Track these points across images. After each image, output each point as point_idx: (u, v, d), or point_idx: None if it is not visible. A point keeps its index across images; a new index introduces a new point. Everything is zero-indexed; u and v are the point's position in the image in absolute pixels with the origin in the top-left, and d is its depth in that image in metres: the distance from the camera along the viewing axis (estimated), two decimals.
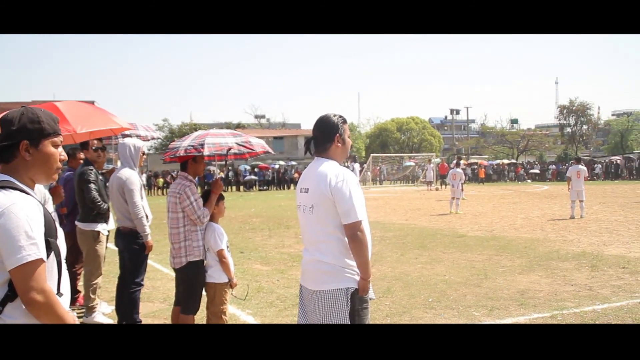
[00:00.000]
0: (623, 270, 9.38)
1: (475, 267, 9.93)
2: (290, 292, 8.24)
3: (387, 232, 14.99)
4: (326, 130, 3.87)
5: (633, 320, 6.46)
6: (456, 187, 20.91)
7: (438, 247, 12.42)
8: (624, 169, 51.30)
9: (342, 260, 3.70)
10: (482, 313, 6.98)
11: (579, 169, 18.13)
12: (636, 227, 14.95)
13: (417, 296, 7.94)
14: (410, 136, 70.27)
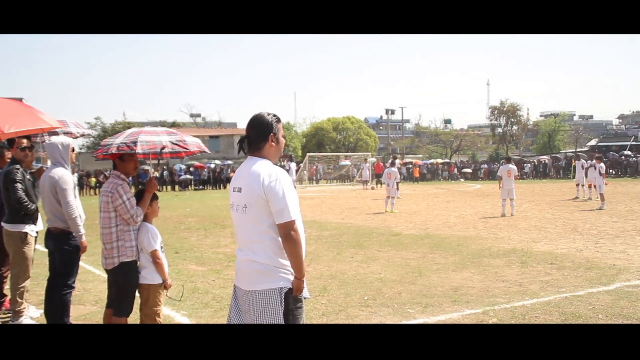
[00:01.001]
0: (551, 266, 9.68)
1: (410, 265, 10.06)
2: (225, 292, 8.16)
3: (324, 231, 15.04)
4: (260, 129, 3.83)
5: (560, 314, 6.66)
6: (391, 186, 21.16)
7: (374, 245, 12.53)
8: (551, 168, 52.93)
9: (276, 260, 3.67)
10: (416, 310, 7.07)
11: (509, 168, 18.60)
12: (563, 224, 15.45)
13: (353, 294, 7.99)
14: (346, 136, 70.62)
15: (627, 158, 51.87)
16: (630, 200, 22.92)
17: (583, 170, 24.76)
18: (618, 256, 10.48)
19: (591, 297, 7.43)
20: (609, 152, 56.04)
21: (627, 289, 7.84)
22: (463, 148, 75.22)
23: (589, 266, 9.55)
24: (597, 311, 6.75)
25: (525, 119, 75.77)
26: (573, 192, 26.08)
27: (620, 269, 9.22)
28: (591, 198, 23.53)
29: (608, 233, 13.55)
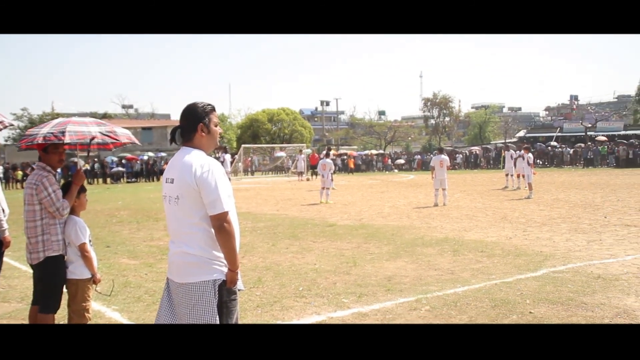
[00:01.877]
0: (481, 254, 9.91)
1: (344, 255, 10.12)
2: (159, 285, 8.02)
3: (259, 223, 14.98)
4: (190, 118, 3.77)
5: (490, 300, 6.82)
6: (326, 177, 21.24)
7: (309, 236, 12.56)
8: (482, 158, 54.24)
9: (209, 251, 3.62)
10: (351, 300, 7.12)
11: (441, 158, 18.93)
12: (493, 213, 15.84)
13: (288, 285, 7.98)
14: (281, 127, 70.44)
15: (553, 148, 53.64)
16: (556, 189, 23.71)
17: (512, 161, 25.47)
18: (545, 243, 10.82)
19: (519, 284, 7.64)
20: (537, 143, 57.83)
21: (553, 275, 8.10)
22: (397, 139, 76.12)
23: (518, 253, 9.82)
24: (525, 297, 6.94)
25: (457, 111, 77.30)
26: (502, 182, 26.79)
27: (547, 256, 9.52)
28: (520, 187, 24.20)
29: (535, 221, 13.97)
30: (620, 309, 6.38)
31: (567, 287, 7.35)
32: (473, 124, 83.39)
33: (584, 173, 38.87)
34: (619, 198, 19.16)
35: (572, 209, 16.43)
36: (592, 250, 10.03)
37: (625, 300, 6.71)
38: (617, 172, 39.17)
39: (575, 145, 54.96)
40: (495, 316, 6.23)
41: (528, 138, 67.08)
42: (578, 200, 18.96)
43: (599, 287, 7.33)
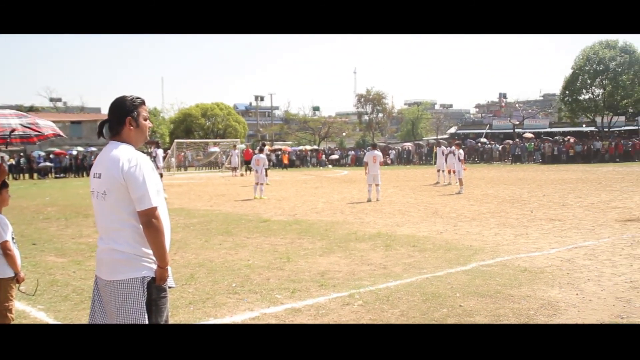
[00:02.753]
0: (413, 248, 10.06)
1: (278, 251, 10.10)
2: (87, 284, 7.81)
3: (192, 219, 14.80)
4: (118, 112, 3.67)
5: (421, 294, 6.93)
6: (260, 172, 21.15)
7: (242, 232, 12.48)
8: (414, 154, 55.12)
9: (138, 248, 3.54)
10: (284, 295, 7.11)
11: (375, 154, 19.12)
12: (425, 208, 16.11)
13: (221, 282, 7.91)
14: (215, 122, 69.74)
15: (483, 145, 55.01)
16: (485, 185, 24.32)
17: (443, 157, 25.96)
18: (474, 237, 11.07)
19: (450, 277, 7.79)
20: (467, 139, 59.24)
21: (482, 269, 8.29)
22: (331, 135, 76.44)
23: (448, 248, 10.02)
24: (455, 290, 7.08)
25: (390, 107, 78.21)
26: (434, 178, 27.28)
27: (476, 250, 9.74)
28: (451, 183, 24.71)
29: (466, 216, 14.28)
30: (545, 300, 6.58)
31: (495, 280, 7.53)
32: (406, 121, 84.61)
33: (512, 169, 40.02)
34: (545, 193, 19.79)
35: (500, 204, 16.87)
36: (519, 244, 10.32)
37: (550, 292, 6.93)
38: (543, 168, 40.50)
39: (504, 141, 56.54)
40: (426, 310, 6.32)
41: (459, 134, 68.67)
42: (506, 195, 19.49)
43: (525, 280, 7.54)
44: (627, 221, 12.73)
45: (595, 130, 59.96)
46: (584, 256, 9.05)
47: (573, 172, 32.64)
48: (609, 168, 36.67)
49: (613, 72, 55.38)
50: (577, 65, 57.71)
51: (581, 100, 58.59)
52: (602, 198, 17.67)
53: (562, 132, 62.26)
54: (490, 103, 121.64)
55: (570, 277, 7.68)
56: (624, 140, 48.82)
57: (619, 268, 8.16)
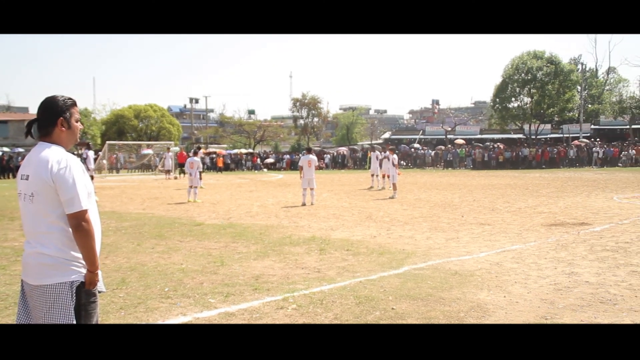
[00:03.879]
0: (347, 252, 10.14)
1: (212, 255, 10.02)
2: (12, 289, 7.55)
3: (124, 222, 14.51)
4: (49, 112, 3.58)
5: (354, 297, 7.00)
6: (194, 175, 20.93)
7: (175, 236, 12.32)
8: (349, 159, 55.55)
9: (67, 252, 3.46)
10: (218, 300, 7.06)
11: (310, 158, 19.18)
12: (359, 213, 16.27)
13: (153, 286, 7.79)
14: (148, 124, 68.54)
15: (416, 150, 55.90)
16: (418, 190, 24.74)
17: (378, 161, 26.28)
18: (407, 241, 11.25)
19: (383, 281, 7.89)
20: (401, 144, 60.08)
21: (414, 272, 8.44)
22: (266, 138, 76.26)
23: (382, 251, 10.15)
24: (387, 293, 7.18)
25: (325, 112, 78.54)
26: (368, 182, 27.58)
27: (409, 253, 9.91)
28: (385, 187, 25.03)
29: (399, 220, 14.50)
30: (474, 303, 6.75)
31: (427, 283, 7.68)
32: (341, 125, 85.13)
33: (444, 174, 40.85)
34: (475, 198, 20.28)
35: (432, 208, 17.20)
36: (450, 247, 10.55)
37: (479, 295, 7.11)
38: (473, 173, 41.49)
39: (436, 147, 57.65)
40: (360, 313, 6.39)
41: (393, 140, 69.59)
42: (438, 200, 19.88)
43: (456, 283, 7.72)
44: (552, 225, 13.17)
45: (523, 137, 61.77)
46: (512, 259, 9.33)
47: (502, 178, 33.56)
48: (535, 174, 37.87)
49: (540, 81, 57.20)
50: (507, 74, 59.37)
51: (510, 108, 60.28)
52: (529, 203, 18.24)
53: (492, 139, 63.88)
54: (424, 109, 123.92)
55: (498, 280, 7.90)
56: (550, 148, 50.49)
57: (544, 271, 8.45)
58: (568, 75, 57.89)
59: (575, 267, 8.64)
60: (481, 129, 74.49)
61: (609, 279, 7.88)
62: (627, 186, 25.01)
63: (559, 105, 58.23)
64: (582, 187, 25.12)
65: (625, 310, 6.42)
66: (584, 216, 14.73)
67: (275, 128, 78.88)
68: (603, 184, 26.94)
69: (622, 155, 46.97)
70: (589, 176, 34.12)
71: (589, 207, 16.84)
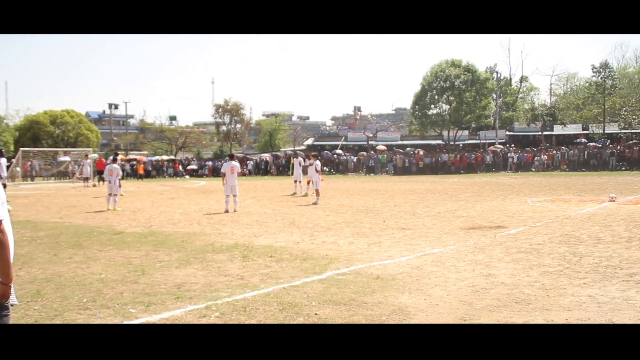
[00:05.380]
0: (270, 258, 10.14)
1: (132, 264, 9.82)
2: None
3: (39, 232, 14.03)
4: None
5: (278, 304, 7.01)
6: (113, 183, 20.45)
7: (94, 245, 12.01)
8: (272, 165, 55.49)
9: None
10: (139, 309, 6.93)
11: (232, 165, 19.08)
12: (282, 219, 16.29)
13: (71, 297, 7.56)
14: (65, 130, 66.58)
15: (338, 156, 56.37)
16: (340, 196, 24.97)
17: (301, 168, 26.38)
18: (330, 247, 11.35)
19: (306, 287, 7.93)
20: (323, 150, 60.42)
21: (337, 277, 8.52)
22: (188, 145, 75.36)
23: (305, 257, 10.19)
24: (311, 299, 7.23)
25: (248, 118, 78.29)
26: (292, 188, 27.62)
27: (332, 259, 9.99)
28: (308, 194, 25.12)
29: (322, 226, 14.60)
30: (396, 306, 6.88)
31: (350, 288, 7.77)
32: (264, 132, 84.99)
33: (366, 180, 41.41)
34: (396, 203, 20.64)
35: (355, 214, 17.40)
36: (372, 252, 10.71)
37: (400, 298, 7.25)
38: (394, 179, 42.23)
39: (359, 153, 58.28)
40: (283, 319, 6.41)
41: (315, 146, 69.94)
42: (360, 205, 20.12)
43: (378, 287, 7.84)
44: (470, 229, 13.56)
45: (442, 143, 63.29)
46: (432, 263, 9.55)
47: (422, 183, 34.29)
48: (454, 179, 38.88)
49: (458, 89, 58.81)
50: (426, 82, 60.75)
51: (430, 115, 61.68)
52: (449, 207, 18.71)
53: (412, 145, 65.16)
54: (346, 116, 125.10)
55: (419, 283, 8.08)
56: (468, 153, 51.87)
57: (463, 273, 8.69)
58: (484, 83, 59.82)
59: (492, 269, 8.93)
60: (402, 135, 75.91)
61: (523, 280, 8.18)
62: (540, 190, 26.01)
63: (476, 112, 60.01)
64: (498, 191, 25.95)
65: (538, 309, 6.69)
66: (500, 219, 15.23)
67: (198, 134, 77.99)
68: (517, 188, 27.92)
69: (535, 160, 48.76)
70: (505, 181, 35.30)
71: (505, 210, 17.42)
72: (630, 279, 8.07)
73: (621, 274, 8.43)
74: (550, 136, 66.23)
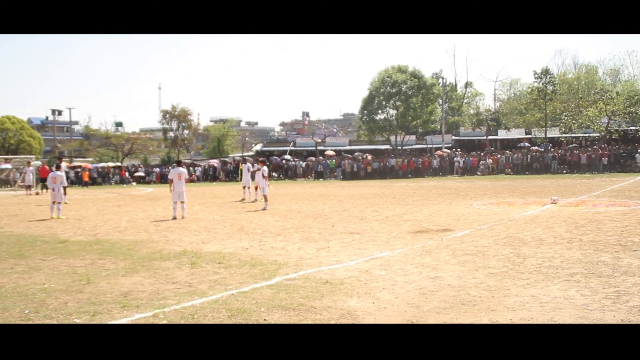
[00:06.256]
0: (219, 265, 10.08)
1: (77, 273, 9.62)
2: None
3: None
4: None
5: (226, 310, 6.97)
6: (57, 190, 20.01)
7: (37, 254, 11.72)
8: (220, 171, 55.11)
9: None
10: (84, 319, 6.79)
11: (180, 171, 18.90)
12: (231, 225, 16.20)
13: (12, 309, 7.36)
14: (6, 137, 64.91)
15: (287, 162, 56.39)
16: (289, 201, 24.97)
17: (249, 173, 26.30)
18: (279, 252, 11.34)
19: (255, 292, 7.91)
20: (272, 156, 60.40)
21: (286, 282, 8.52)
22: (135, 151, 74.37)
23: (254, 263, 10.16)
24: (260, 305, 7.21)
25: (195, 124, 77.71)
26: (240, 194, 27.48)
27: (281, 264, 9.99)
28: (257, 199, 25.03)
29: (271, 231, 14.57)
30: (344, 310, 6.92)
31: (299, 293, 7.78)
32: (212, 138, 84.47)
33: (314, 185, 41.50)
34: (345, 208, 20.75)
35: (304, 219, 17.43)
36: (321, 257, 10.74)
37: (349, 302, 7.30)
38: (343, 184, 42.46)
39: (307, 158, 58.41)
40: None
41: (264, 152, 69.91)
42: (309, 210, 20.16)
43: (327, 292, 7.87)
44: (418, 232, 13.74)
45: (390, 148, 63.98)
46: (380, 266, 9.64)
47: (371, 188, 34.55)
48: (402, 183, 39.29)
49: (405, 94, 59.59)
50: (374, 87, 61.36)
51: (377, 120, 62.30)
52: (397, 211, 18.91)
53: (360, 150, 65.66)
54: (294, 121, 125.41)
55: (367, 287, 8.14)
56: (415, 158, 52.54)
57: (410, 276, 8.80)
58: (430, 88, 60.79)
59: (439, 272, 9.07)
60: (350, 140, 76.54)
61: (469, 282, 8.33)
62: (485, 193, 26.53)
63: (422, 117, 60.91)
64: (445, 195, 26.35)
65: (483, 310, 6.82)
66: (446, 223, 15.47)
67: (144, 141, 77.06)
68: (464, 191, 28.40)
69: (481, 164, 49.72)
70: (451, 184, 35.86)
71: (451, 214, 17.70)
72: (571, 279, 8.30)
73: (562, 274, 8.67)
74: (495, 140, 67.75)
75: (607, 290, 7.58)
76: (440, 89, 64.78)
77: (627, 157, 46.30)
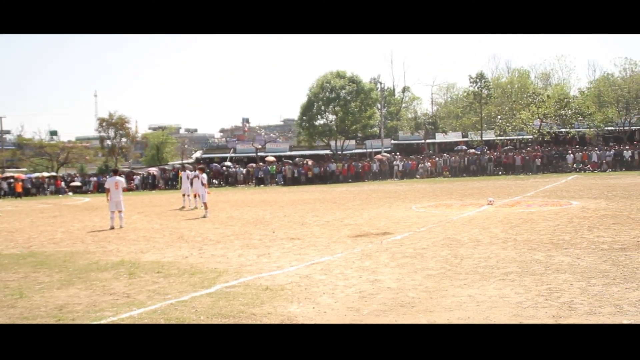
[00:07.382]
0: (158, 274, 9.94)
1: (9, 287, 9.33)
2: None
3: None
4: None
5: (165, 320, 6.88)
6: None
7: None
8: (160, 179, 54.34)
9: None
10: None
11: (117, 180, 18.56)
12: (170, 233, 16.00)
13: None
14: None
15: (227, 168, 56.05)
16: (230, 208, 24.83)
17: (188, 181, 26.01)
18: (219, 260, 11.26)
19: (194, 301, 7.83)
20: (212, 163, 59.96)
21: (226, 290, 8.47)
22: (71, 161, 72.64)
23: (193, 272, 10.06)
24: (199, 313, 7.14)
25: (133, 132, 76.47)
26: (180, 202, 27.16)
27: (221, 272, 9.92)
28: (197, 207, 24.79)
29: (211, 239, 14.46)
30: (285, 316, 6.93)
31: (239, 301, 7.74)
32: (150, 145, 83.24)
33: (255, 191, 41.37)
34: (286, 214, 20.76)
35: (244, 225, 17.35)
36: (261, 263, 10.71)
37: (290, 308, 7.31)
38: (284, 189, 42.46)
39: (248, 165, 58.22)
40: None
41: (204, 159, 69.31)
42: (250, 217, 20.08)
43: (267, 298, 7.86)
44: (358, 236, 13.85)
45: (330, 153, 64.27)
46: (320, 271, 9.68)
47: (312, 193, 34.66)
48: (342, 188, 39.54)
49: (343, 100, 60.01)
50: (312, 93, 61.54)
51: (317, 125, 62.49)
52: (337, 216, 19.02)
53: (301, 155, 65.75)
54: (234, 128, 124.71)
55: (307, 292, 8.16)
56: (355, 162, 52.96)
57: (350, 280, 8.87)
58: (368, 93, 61.36)
59: (378, 275, 9.16)
60: (290, 145, 76.51)
61: (408, 284, 8.46)
62: (424, 196, 26.95)
63: (361, 122, 61.47)
64: (385, 198, 26.64)
65: (421, 311, 6.93)
66: (386, 226, 15.64)
67: (81, 149, 75.33)
68: (403, 195, 28.78)
69: (419, 167, 50.47)
70: (391, 188, 36.28)
71: (391, 217, 17.92)
72: (506, 278, 8.52)
73: (498, 273, 8.89)
74: (433, 144, 68.94)
75: (539, 288, 7.81)
76: (379, 93, 65.36)
77: (558, 158, 47.87)
